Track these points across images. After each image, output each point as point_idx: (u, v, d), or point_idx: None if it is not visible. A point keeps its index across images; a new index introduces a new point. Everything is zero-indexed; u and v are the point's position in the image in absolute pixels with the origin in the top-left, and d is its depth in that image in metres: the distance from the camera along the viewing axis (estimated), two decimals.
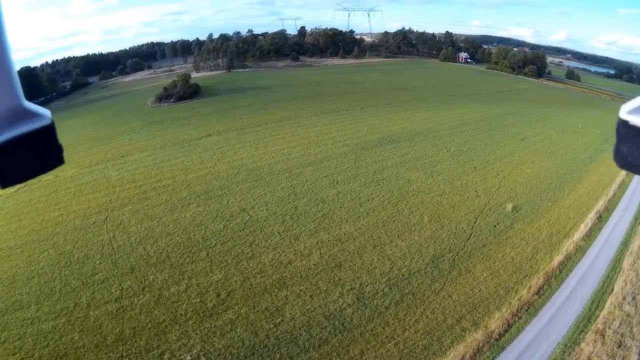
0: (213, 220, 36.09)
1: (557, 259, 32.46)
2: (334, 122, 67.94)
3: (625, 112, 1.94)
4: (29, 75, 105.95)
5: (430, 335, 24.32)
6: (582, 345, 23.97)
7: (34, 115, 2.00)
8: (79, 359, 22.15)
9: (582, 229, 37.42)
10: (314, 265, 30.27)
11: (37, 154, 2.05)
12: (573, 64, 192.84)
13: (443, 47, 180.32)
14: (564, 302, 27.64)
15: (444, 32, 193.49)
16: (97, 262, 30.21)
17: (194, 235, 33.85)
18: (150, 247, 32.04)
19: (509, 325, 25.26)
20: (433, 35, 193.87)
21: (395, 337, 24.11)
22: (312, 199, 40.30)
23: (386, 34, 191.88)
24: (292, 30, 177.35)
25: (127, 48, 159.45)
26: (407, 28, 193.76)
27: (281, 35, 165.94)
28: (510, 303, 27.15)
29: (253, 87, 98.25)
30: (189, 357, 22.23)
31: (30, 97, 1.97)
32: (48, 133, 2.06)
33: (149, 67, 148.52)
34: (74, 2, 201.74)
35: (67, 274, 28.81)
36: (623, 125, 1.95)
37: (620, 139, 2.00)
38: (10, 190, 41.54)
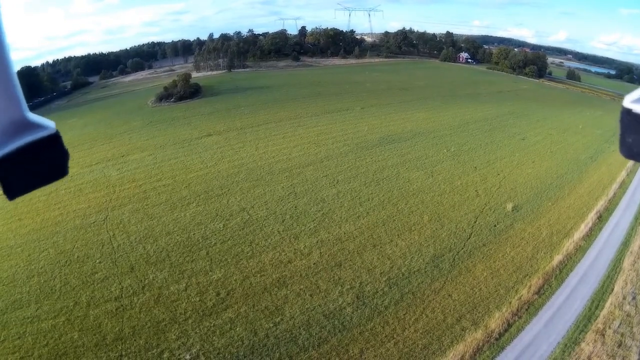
0: (213, 220, 36.09)
1: (557, 258, 32.43)
2: (334, 122, 67.92)
3: (629, 101, 1.92)
4: (29, 75, 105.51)
5: (430, 335, 24.29)
6: (582, 345, 23.93)
7: (38, 126, 2.01)
8: (79, 358, 22.14)
9: (583, 228, 37.38)
10: (313, 264, 30.25)
11: (42, 164, 2.06)
12: (574, 64, 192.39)
13: (444, 47, 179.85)
14: (564, 302, 27.60)
15: (444, 32, 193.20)
16: (97, 261, 30.22)
17: (194, 234, 33.84)
18: (150, 246, 32.04)
19: (509, 325, 25.23)
20: (434, 35, 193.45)
21: (395, 336, 24.09)
22: (312, 199, 40.28)
23: (387, 34, 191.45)
24: (292, 30, 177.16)
25: (128, 48, 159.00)
26: (407, 28, 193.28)
27: (282, 35, 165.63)
28: (510, 302, 27.12)
29: (253, 87, 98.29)
30: (188, 356, 22.22)
31: (30, 96, 1.96)
32: (52, 144, 2.07)
33: (150, 67, 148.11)
34: (75, 2, 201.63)
35: (66, 273, 28.82)
36: (627, 114, 1.94)
37: (624, 128, 1.99)
38: None
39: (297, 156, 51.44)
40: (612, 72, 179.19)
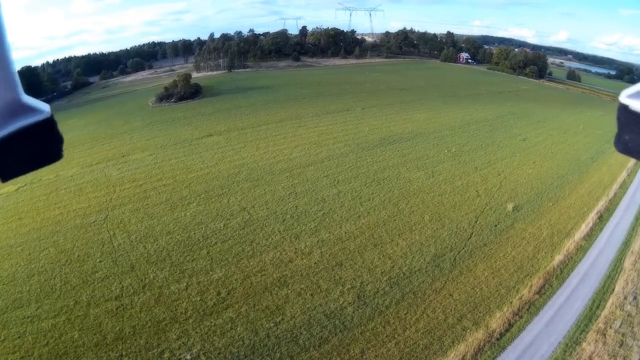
0: (213, 219, 36.06)
1: (558, 258, 32.39)
2: (335, 122, 67.91)
3: (626, 96, 1.90)
4: (30, 74, 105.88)
5: (431, 335, 24.25)
6: (584, 345, 23.89)
7: (33, 109, 1.99)
8: (79, 358, 22.10)
9: (583, 228, 37.34)
10: (314, 264, 30.22)
11: (37, 147, 2.05)
12: (574, 64, 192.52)
13: (444, 47, 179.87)
14: (565, 302, 27.56)
15: (445, 32, 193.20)
16: (98, 260, 30.19)
17: (195, 234, 33.81)
18: (151, 246, 32.01)
19: (510, 325, 25.19)
20: (434, 35, 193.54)
21: (396, 336, 24.04)
22: (312, 198, 40.25)
23: (387, 34, 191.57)
24: (293, 30, 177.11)
25: (128, 48, 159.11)
26: (408, 28, 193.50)
27: (282, 35, 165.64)
28: (511, 302, 27.08)
29: (254, 87, 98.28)
30: (189, 356, 22.18)
31: (31, 96, 1.97)
32: (47, 127, 2.05)
33: (150, 67, 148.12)
34: (76, 2, 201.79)
35: (67, 272, 28.79)
36: (623, 110, 1.92)
37: (620, 124, 1.97)
38: (10, 188, 41.60)
39: (297, 156, 51.42)
40: (613, 72, 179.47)
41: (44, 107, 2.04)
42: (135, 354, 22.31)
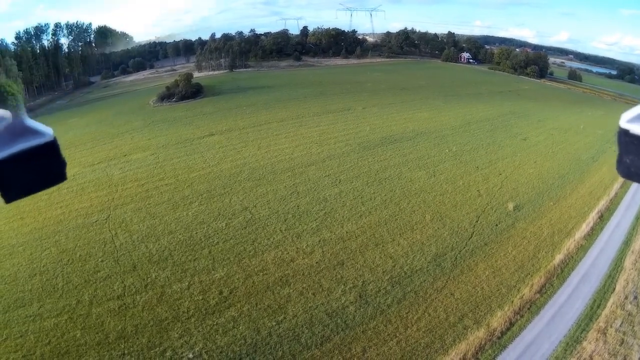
0: (215, 219, 36.13)
1: (559, 257, 32.45)
2: (336, 122, 67.89)
3: (625, 120, 1.91)
4: None
5: (433, 333, 24.32)
6: (584, 343, 23.95)
7: (37, 132, 2.04)
8: (81, 357, 22.17)
9: (584, 228, 37.38)
10: (316, 263, 30.29)
11: (40, 169, 2.09)
12: (575, 64, 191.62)
13: (445, 47, 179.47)
14: (566, 301, 27.62)
15: (446, 32, 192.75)
16: (99, 259, 30.26)
17: (196, 233, 33.88)
18: (153, 245, 32.08)
19: (511, 324, 25.26)
20: (435, 35, 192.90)
21: (398, 335, 24.12)
22: (314, 198, 40.31)
23: (388, 34, 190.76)
24: (294, 30, 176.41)
25: (129, 47, 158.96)
26: (409, 28, 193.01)
27: (283, 35, 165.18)
28: (512, 301, 27.15)
29: (255, 86, 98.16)
30: (191, 355, 22.26)
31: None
32: (50, 150, 2.10)
33: (151, 67, 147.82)
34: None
35: (69, 272, 28.85)
36: (624, 134, 1.93)
37: (621, 148, 1.98)
38: None
39: (299, 156, 51.46)
40: (614, 72, 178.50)
41: (47, 130, 2.08)
42: (138, 352, 22.39)
